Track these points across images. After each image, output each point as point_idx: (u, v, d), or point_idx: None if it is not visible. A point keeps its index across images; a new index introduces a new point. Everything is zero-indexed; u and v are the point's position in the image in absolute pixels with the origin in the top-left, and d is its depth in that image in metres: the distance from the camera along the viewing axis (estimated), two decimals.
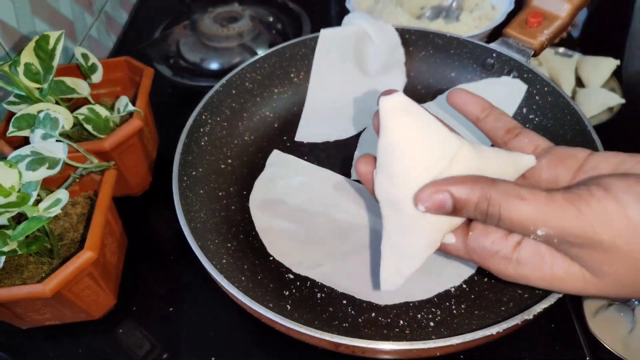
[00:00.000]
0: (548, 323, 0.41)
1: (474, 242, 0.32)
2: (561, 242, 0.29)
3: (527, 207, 0.28)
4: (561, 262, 0.30)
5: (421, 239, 0.31)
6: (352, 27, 0.55)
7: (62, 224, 0.45)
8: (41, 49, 0.45)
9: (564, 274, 0.30)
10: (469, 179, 0.29)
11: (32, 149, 0.39)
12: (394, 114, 0.30)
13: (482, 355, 0.39)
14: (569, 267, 0.30)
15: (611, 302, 0.42)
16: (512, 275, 0.32)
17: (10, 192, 0.36)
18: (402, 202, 0.30)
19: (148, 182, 0.55)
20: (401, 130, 0.30)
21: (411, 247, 0.32)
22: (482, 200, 0.29)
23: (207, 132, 0.49)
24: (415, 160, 0.30)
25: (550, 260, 0.30)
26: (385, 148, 0.30)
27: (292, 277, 0.42)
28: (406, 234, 0.31)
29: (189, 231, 0.39)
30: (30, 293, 0.36)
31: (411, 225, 0.31)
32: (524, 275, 0.31)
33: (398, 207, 0.31)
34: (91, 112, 0.47)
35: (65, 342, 0.43)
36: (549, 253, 0.30)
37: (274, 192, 0.49)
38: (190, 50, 0.71)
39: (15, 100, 0.46)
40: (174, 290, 0.46)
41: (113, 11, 0.78)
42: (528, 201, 0.28)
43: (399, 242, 0.32)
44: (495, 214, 0.29)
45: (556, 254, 0.30)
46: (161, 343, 0.43)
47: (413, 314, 0.39)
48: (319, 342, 0.33)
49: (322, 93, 0.56)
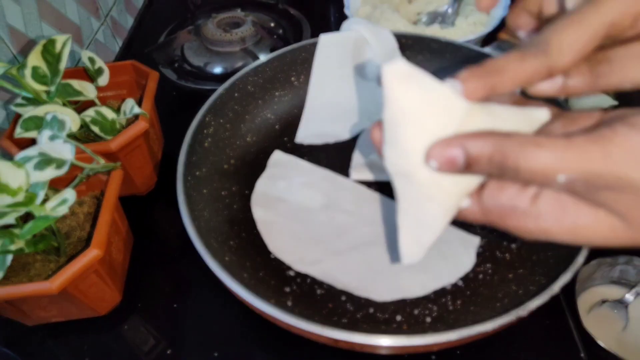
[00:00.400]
0: (542, 319, 0.41)
1: (489, 201, 0.29)
2: (585, 187, 0.26)
3: (545, 152, 0.25)
4: (585, 211, 0.27)
5: (437, 207, 0.30)
6: (351, 33, 0.56)
7: (69, 222, 0.45)
8: (48, 53, 0.46)
9: (589, 223, 0.27)
10: (481, 133, 0.27)
11: (40, 150, 0.39)
12: (396, 83, 0.28)
13: (477, 350, 0.40)
14: (594, 215, 0.27)
15: (605, 300, 0.43)
16: (532, 231, 0.29)
17: (18, 192, 0.36)
18: (413, 172, 0.29)
19: (153, 182, 0.55)
20: (405, 98, 0.28)
21: (428, 217, 0.30)
22: (496, 153, 0.26)
23: (211, 134, 0.50)
24: (423, 127, 0.28)
25: (573, 209, 0.27)
26: (391, 119, 0.29)
27: (292, 274, 0.43)
28: (421, 203, 0.30)
29: (192, 229, 0.39)
30: (37, 290, 0.37)
31: (425, 193, 0.29)
32: (545, 229, 0.28)
33: (409, 178, 0.29)
34: (98, 114, 0.48)
35: (71, 338, 0.44)
36: (572, 202, 0.27)
37: (275, 192, 0.49)
38: (194, 55, 0.72)
39: (23, 103, 0.47)
40: (178, 287, 0.47)
41: (119, 16, 0.79)
42: (546, 147, 0.25)
43: (415, 213, 0.30)
44: (512, 165, 0.26)
45: (579, 202, 0.27)
46: (165, 339, 0.43)
47: (410, 310, 0.40)
48: (319, 338, 0.34)
49: (321, 96, 0.57)
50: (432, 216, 0.30)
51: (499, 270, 0.42)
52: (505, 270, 0.41)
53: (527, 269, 0.41)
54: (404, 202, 0.30)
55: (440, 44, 0.55)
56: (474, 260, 0.43)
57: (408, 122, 0.28)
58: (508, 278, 0.41)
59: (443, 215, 0.30)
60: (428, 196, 0.29)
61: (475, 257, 0.43)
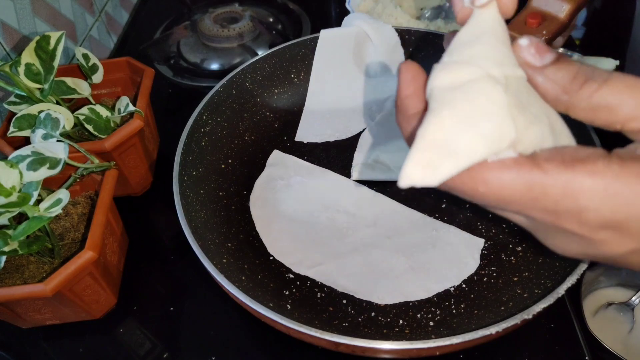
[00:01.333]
0: (548, 322, 0.41)
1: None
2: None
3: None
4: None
5: (486, 129, 0.23)
6: (352, 28, 0.55)
7: (63, 223, 0.45)
8: (42, 50, 0.45)
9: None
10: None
11: (33, 149, 0.39)
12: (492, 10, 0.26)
13: (481, 354, 0.39)
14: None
15: (611, 302, 0.42)
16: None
17: (11, 192, 0.36)
18: (471, 81, 0.24)
19: (149, 182, 0.55)
20: (494, 22, 0.26)
21: (465, 138, 0.23)
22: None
23: (208, 132, 0.49)
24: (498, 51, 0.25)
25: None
26: (473, 32, 0.26)
27: (292, 276, 0.42)
28: (468, 118, 0.24)
29: (189, 231, 0.39)
30: (31, 293, 0.36)
31: (483, 108, 0.24)
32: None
33: (464, 87, 0.24)
34: (92, 112, 0.47)
35: (65, 341, 0.43)
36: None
37: (274, 192, 0.49)
38: (190, 51, 0.71)
39: (16, 101, 0.47)
40: (175, 289, 0.46)
41: (114, 11, 0.78)
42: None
43: (448, 124, 0.24)
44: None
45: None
46: (162, 342, 0.43)
47: (413, 313, 0.39)
48: (319, 342, 0.33)
49: (322, 93, 0.56)
50: (470, 139, 0.23)
51: (504, 273, 0.41)
52: (510, 273, 0.41)
53: (533, 272, 0.40)
54: (438, 109, 0.24)
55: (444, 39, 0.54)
56: (478, 263, 0.42)
57: (488, 41, 0.26)
58: (513, 281, 0.40)
59: (483, 144, 0.23)
60: (484, 112, 0.24)
61: (480, 259, 0.42)
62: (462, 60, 0.25)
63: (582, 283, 0.41)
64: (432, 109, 0.24)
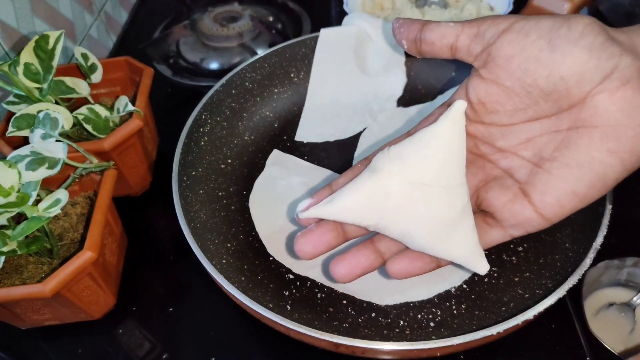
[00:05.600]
0: (549, 323, 0.40)
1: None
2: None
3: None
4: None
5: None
6: (353, 27, 0.55)
7: (61, 224, 0.44)
8: (41, 49, 0.45)
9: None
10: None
11: (32, 149, 0.39)
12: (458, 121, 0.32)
13: (482, 355, 0.39)
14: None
15: (612, 303, 0.42)
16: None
17: (9, 192, 0.36)
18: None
19: (148, 182, 0.54)
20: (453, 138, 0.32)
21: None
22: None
23: (207, 132, 0.49)
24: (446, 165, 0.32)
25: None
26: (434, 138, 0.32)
27: (292, 277, 0.42)
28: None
29: (188, 231, 0.38)
30: (29, 293, 0.36)
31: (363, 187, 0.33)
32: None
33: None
34: (91, 112, 0.47)
35: (65, 342, 0.43)
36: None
37: (274, 192, 0.49)
38: (190, 50, 0.71)
39: (14, 100, 0.46)
40: (174, 290, 0.46)
41: (113, 11, 0.78)
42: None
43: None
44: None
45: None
46: (161, 343, 0.43)
47: (413, 314, 0.39)
48: (319, 343, 0.33)
49: (322, 93, 0.56)
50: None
51: (505, 274, 0.41)
52: (511, 274, 0.41)
53: (534, 272, 0.40)
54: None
55: None
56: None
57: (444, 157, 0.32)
58: (514, 281, 0.40)
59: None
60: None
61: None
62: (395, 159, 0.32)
63: (583, 283, 0.41)
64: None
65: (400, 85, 0.56)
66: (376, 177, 0.32)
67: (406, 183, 0.31)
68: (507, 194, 0.32)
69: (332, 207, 0.33)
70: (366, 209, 0.32)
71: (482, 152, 0.34)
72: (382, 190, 0.32)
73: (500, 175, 0.33)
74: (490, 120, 0.32)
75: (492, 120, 0.32)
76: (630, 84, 0.27)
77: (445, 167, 0.31)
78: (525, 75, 0.29)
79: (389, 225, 0.32)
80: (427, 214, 0.31)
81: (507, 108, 0.31)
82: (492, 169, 0.34)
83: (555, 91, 0.28)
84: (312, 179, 0.49)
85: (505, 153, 0.33)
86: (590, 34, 0.27)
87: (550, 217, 0.31)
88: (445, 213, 0.31)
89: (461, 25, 0.31)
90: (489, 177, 0.34)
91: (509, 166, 0.33)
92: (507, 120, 0.32)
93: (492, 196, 0.33)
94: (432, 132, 0.32)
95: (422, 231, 0.32)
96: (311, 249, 0.33)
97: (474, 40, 0.31)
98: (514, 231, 0.33)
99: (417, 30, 0.33)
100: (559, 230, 0.41)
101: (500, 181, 0.33)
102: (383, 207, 0.32)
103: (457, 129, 0.32)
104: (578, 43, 0.27)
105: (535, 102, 0.29)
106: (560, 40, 0.27)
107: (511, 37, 0.29)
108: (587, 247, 0.35)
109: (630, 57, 0.27)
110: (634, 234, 0.46)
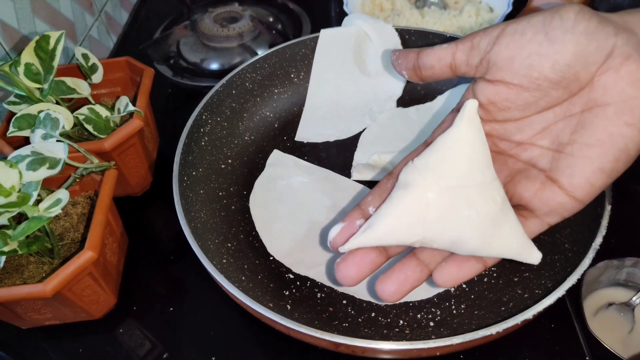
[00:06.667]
0: (548, 323, 0.41)
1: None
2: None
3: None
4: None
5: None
6: (352, 28, 0.55)
7: (62, 223, 0.45)
8: (41, 49, 0.45)
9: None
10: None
11: (33, 149, 0.39)
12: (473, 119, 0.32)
13: (482, 355, 0.39)
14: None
15: (611, 302, 0.42)
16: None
17: (10, 192, 0.36)
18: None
19: (148, 182, 0.55)
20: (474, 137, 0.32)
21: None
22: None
23: (208, 132, 0.49)
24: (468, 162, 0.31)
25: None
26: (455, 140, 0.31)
27: (292, 276, 0.42)
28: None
29: (189, 231, 0.39)
30: (30, 293, 0.36)
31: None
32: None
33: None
34: (91, 112, 0.47)
35: (65, 342, 0.43)
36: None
37: (274, 192, 0.49)
38: (190, 51, 0.71)
39: (15, 101, 0.46)
40: (175, 290, 0.46)
41: (113, 11, 0.78)
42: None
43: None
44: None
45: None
46: (162, 343, 0.43)
47: (413, 313, 0.39)
48: (319, 342, 0.33)
49: (322, 93, 0.56)
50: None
51: (504, 274, 0.41)
52: (510, 274, 0.41)
53: (533, 272, 0.40)
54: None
55: (444, 39, 0.54)
56: None
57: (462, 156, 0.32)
58: (513, 281, 0.40)
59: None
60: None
61: None
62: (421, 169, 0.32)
63: (583, 283, 0.41)
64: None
65: (399, 86, 0.56)
66: (410, 191, 0.31)
67: (443, 190, 0.30)
68: (535, 184, 0.32)
69: (373, 233, 0.31)
70: (409, 227, 0.31)
71: (502, 149, 0.34)
72: (420, 203, 0.30)
73: (523, 167, 0.33)
74: (504, 117, 0.32)
75: (505, 116, 0.32)
76: (632, 58, 0.28)
77: (473, 165, 0.31)
78: (531, 70, 0.29)
79: (435, 236, 0.31)
80: (472, 215, 0.30)
81: (518, 103, 0.31)
82: (515, 163, 0.34)
83: (563, 79, 0.29)
84: (312, 179, 0.50)
85: (524, 145, 0.33)
86: (583, 19, 0.28)
87: (583, 198, 0.31)
88: (488, 209, 0.31)
89: (455, 44, 0.32)
90: (513, 172, 0.34)
91: (530, 157, 0.33)
92: (520, 115, 0.32)
93: (521, 189, 0.33)
94: (451, 136, 0.31)
95: (472, 233, 0.31)
96: (356, 273, 0.32)
97: (471, 53, 0.32)
98: (549, 219, 0.33)
99: (414, 59, 0.34)
100: (558, 230, 0.41)
101: (525, 173, 0.33)
102: (426, 220, 0.30)
103: (475, 126, 0.32)
104: (574, 30, 0.28)
105: (546, 93, 0.30)
106: (556, 31, 0.28)
107: (507, 40, 0.30)
108: (587, 247, 0.35)
109: (626, 34, 0.28)
110: (634, 234, 0.46)
